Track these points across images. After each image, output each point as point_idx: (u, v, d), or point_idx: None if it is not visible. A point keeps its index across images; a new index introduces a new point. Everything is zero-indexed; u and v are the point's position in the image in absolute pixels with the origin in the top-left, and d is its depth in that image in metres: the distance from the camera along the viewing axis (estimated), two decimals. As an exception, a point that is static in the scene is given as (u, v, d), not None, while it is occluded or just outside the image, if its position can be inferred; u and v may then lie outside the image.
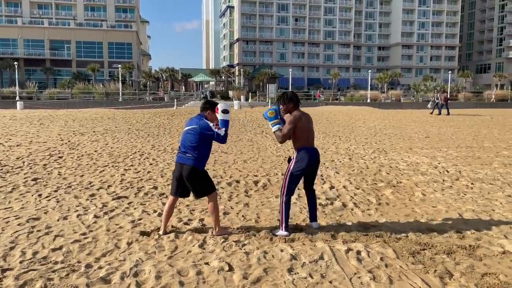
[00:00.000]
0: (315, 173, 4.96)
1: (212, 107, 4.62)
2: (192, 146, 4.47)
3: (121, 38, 69.00)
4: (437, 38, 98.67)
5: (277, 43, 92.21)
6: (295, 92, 4.95)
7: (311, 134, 4.75)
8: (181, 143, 4.64)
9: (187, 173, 4.46)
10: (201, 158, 4.52)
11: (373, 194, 6.69)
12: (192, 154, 4.46)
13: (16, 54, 62.96)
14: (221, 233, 4.64)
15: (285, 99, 4.70)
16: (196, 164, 4.46)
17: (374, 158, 10.38)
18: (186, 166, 4.46)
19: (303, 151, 4.66)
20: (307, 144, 4.69)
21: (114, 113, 26.73)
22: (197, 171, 4.48)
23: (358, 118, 24.88)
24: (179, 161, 4.55)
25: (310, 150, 4.70)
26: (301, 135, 4.64)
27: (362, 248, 4.20)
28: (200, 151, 4.49)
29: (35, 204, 5.98)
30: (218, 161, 9.81)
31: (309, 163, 4.66)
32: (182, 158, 4.52)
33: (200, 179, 4.51)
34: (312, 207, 5.00)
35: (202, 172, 4.55)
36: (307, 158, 4.64)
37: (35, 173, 8.22)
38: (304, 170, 4.67)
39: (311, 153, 4.69)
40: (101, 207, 5.86)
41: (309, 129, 4.70)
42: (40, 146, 12.08)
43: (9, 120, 20.55)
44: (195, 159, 4.46)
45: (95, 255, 4.08)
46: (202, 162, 4.54)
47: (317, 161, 4.81)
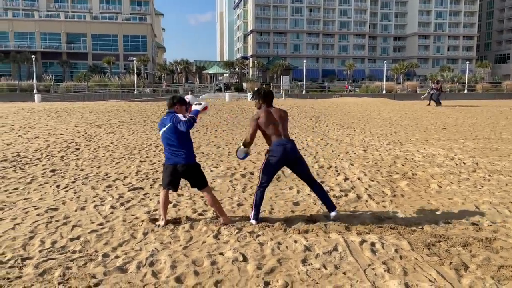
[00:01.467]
0: (302, 165, 4.87)
1: (179, 101, 4.71)
2: (178, 144, 4.56)
3: (136, 31, 69.43)
4: (455, 28, 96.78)
5: (291, 34, 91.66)
6: (268, 88, 5.09)
7: (282, 128, 4.75)
8: (164, 146, 4.69)
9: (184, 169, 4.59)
10: (191, 151, 4.67)
11: (388, 186, 6.64)
12: (182, 152, 4.57)
13: (34, 48, 63.88)
14: (227, 221, 4.72)
15: (258, 95, 4.83)
16: (188, 160, 4.60)
17: (389, 150, 10.28)
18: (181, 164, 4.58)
19: (275, 144, 4.70)
20: (279, 137, 4.71)
21: (130, 106, 26.99)
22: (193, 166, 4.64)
23: (373, 109, 24.63)
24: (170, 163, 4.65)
25: (282, 141, 4.71)
26: (267, 131, 4.69)
27: (377, 240, 4.19)
28: (188, 144, 4.64)
29: (54, 195, 6.11)
30: (232, 153, 9.84)
31: (283, 154, 4.67)
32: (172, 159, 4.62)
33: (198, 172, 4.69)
34: (324, 198, 4.91)
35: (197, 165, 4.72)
36: (280, 150, 4.67)
37: (53, 165, 8.38)
38: (278, 161, 4.72)
39: (283, 145, 4.69)
40: (117, 198, 5.95)
41: (274, 123, 4.71)
42: (57, 138, 12.29)
43: (27, 113, 20.92)
44: (186, 155, 4.59)
45: (112, 245, 4.16)
46: (192, 155, 4.68)
47: (292, 151, 4.73)
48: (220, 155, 9.61)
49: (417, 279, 3.42)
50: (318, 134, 13.51)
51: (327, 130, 14.47)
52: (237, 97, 40.06)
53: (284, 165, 4.83)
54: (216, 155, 9.55)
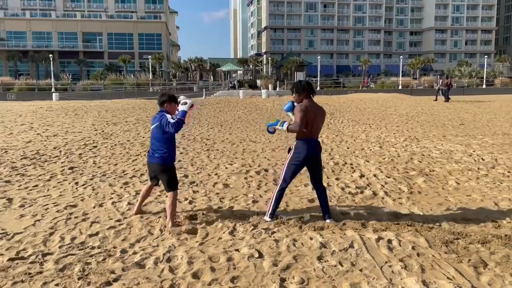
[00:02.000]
0: (319, 167, 4.80)
1: (169, 99, 4.65)
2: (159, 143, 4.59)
3: (151, 29, 69.92)
4: (473, 22, 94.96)
5: (305, 30, 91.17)
6: (309, 81, 4.90)
7: (316, 127, 4.64)
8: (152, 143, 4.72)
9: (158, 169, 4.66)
10: (171, 154, 4.68)
11: (405, 182, 6.58)
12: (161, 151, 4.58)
13: (51, 47, 64.86)
14: (175, 227, 4.53)
15: (299, 88, 4.64)
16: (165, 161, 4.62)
17: (406, 146, 10.17)
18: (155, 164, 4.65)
19: (302, 142, 4.60)
20: (309, 135, 4.60)
21: (145, 104, 27.23)
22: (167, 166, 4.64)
23: (389, 105, 24.37)
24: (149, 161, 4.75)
25: (310, 141, 4.62)
26: (306, 126, 4.54)
27: (393, 237, 4.16)
28: (169, 146, 4.63)
29: (72, 192, 6.21)
30: (247, 150, 9.86)
31: (308, 154, 4.59)
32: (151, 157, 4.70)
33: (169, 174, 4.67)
34: (323, 206, 4.78)
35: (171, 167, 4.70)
36: (306, 149, 4.58)
37: (72, 162, 8.52)
38: (302, 160, 4.62)
39: (310, 145, 4.61)
40: (134, 194, 6.02)
41: (315, 121, 4.58)
42: (75, 136, 12.49)
43: (46, 111, 21.30)
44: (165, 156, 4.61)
45: (129, 241, 4.22)
46: (171, 157, 4.69)
47: (317, 152, 4.69)
48: (234, 152, 9.64)
49: (435, 276, 3.38)
50: (333, 130, 13.44)
51: (342, 127, 14.38)
52: (251, 94, 40.08)
53: (306, 164, 4.72)
54: (230, 152, 9.58)
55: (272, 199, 4.73)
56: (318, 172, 4.79)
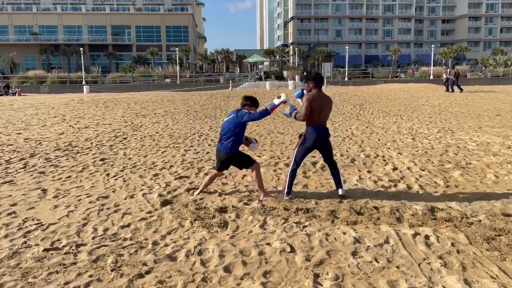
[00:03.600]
0: (328, 149, 5.35)
1: (251, 103, 5.20)
2: (232, 131, 5.07)
3: (178, 22, 70.32)
4: (509, 8, 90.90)
5: (333, 19, 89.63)
6: (319, 72, 5.41)
7: (324, 115, 5.11)
8: (222, 134, 5.25)
9: (226, 157, 5.16)
10: (237, 144, 5.16)
11: (440, 176, 6.34)
12: (231, 141, 5.08)
13: (81, 40, 66.24)
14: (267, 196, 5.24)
15: (308, 78, 5.15)
16: (232, 149, 5.12)
17: (440, 138, 9.84)
18: (226, 152, 5.14)
19: (312, 129, 5.10)
20: (317, 123, 5.08)
21: (173, 96, 27.50)
22: (234, 154, 5.15)
23: (420, 96, 23.71)
24: (220, 149, 5.23)
25: (319, 128, 5.11)
26: (313, 114, 5.01)
27: (431, 233, 3.99)
28: (238, 138, 5.12)
29: (104, 183, 6.29)
30: (275, 142, 9.77)
31: (316, 140, 5.11)
32: (222, 145, 5.18)
33: (240, 158, 5.23)
34: (335, 176, 5.37)
35: (238, 153, 5.21)
36: (315, 135, 5.09)
37: (103, 154, 8.66)
38: (311, 146, 5.17)
39: (319, 131, 5.11)
40: (164, 186, 6.04)
41: (322, 110, 5.05)
42: (106, 128, 12.70)
43: (77, 104, 21.80)
44: (233, 146, 5.11)
45: (161, 233, 4.22)
46: (237, 147, 5.17)
47: (325, 138, 5.22)
48: (262, 144, 9.56)
49: (477, 275, 3.22)
50: (362, 122, 13.16)
51: (372, 118, 14.07)
52: (277, 86, 39.84)
53: (315, 148, 5.29)
54: (259, 144, 9.50)
55: (286, 180, 5.31)
56: (328, 152, 5.37)
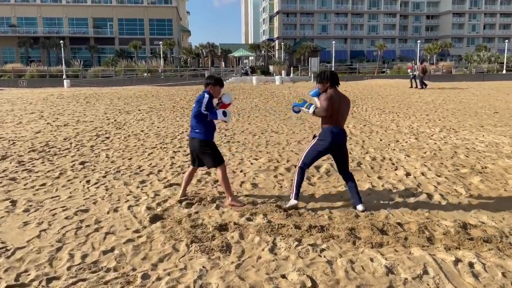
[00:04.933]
0: (344, 155, 4.81)
1: (215, 82, 4.86)
2: (196, 118, 4.75)
3: (162, 15, 68.81)
4: (491, 5, 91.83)
5: (318, 14, 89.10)
6: (334, 71, 4.84)
7: (341, 116, 4.69)
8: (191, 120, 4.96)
9: (198, 145, 4.83)
10: (208, 129, 4.83)
11: (460, 183, 5.76)
12: (198, 128, 4.78)
13: (62, 33, 64.20)
14: (235, 203, 4.86)
15: (323, 77, 4.67)
16: (203, 137, 4.79)
17: (444, 138, 9.31)
18: (195, 139, 4.84)
19: (328, 130, 4.64)
20: (334, 124, 4.64)
21: (158, 91, 26.55)
22: (206, 142, 4.82)
23: (411, 92, 23.31)
24: (191, 136, 4.92)
25: (335, 129, 4.65)
26: (332, 114, 4.58)
27: (474, 259, 3.38)
28: (205, 122, 4.77)
29: (83, 192, 5.54)
30: (270, 142, 9.11)
31: (332, 142, 4.63)
32: (193, 133, 4.88)
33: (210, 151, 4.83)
34: (353, 190, 4.78)
35: (210, 142, 4.86)
36: (330, 137, 4.62)
37: (83, 156, 7.86)
38: (325, 148, 4.68)
39: (335, 133, 4.64)
40: (153, 196, 5.32)
41: (340, 110, 4.63)
42: (87, 125, 11.85)
43: (56, 99, 20.75)
44: (202, 132, 4.79)
45: (151, 260, 3.51)
46: (209, 134, 4.84)
47: (342, 141, 4.72)
48: (257, 144, 8.89)
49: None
50: (359, 120, 12.59)
51: (368, 116, 13.51)
52: (264, 81, 39.11)
53: (330, 152, 4.78)
54: (253, 145, 8.83)
55: (294, 182, 4.79)
56: (344, 161, 4.82)
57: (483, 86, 27.86)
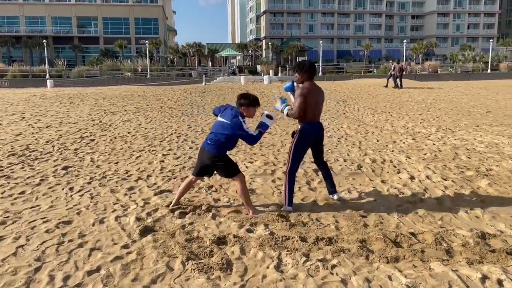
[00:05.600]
0: (321, 145, 4.89)
1: (250, 103, 4.39)
2: (222, 137, 4.33)
3: (147, 14, 67.95)
4: (475, 5, 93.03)
5: (305, 14, 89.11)
6: (312, 62, 4.80)
7: (318, 109, 4.64)
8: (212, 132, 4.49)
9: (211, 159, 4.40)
10: (226, 148, 4.46)
11: (467, 186, 5.48)
12: (219, 144, 4.35)
13: (45, 32, 62.93)
14: (256, 213, 4.45)
15: (302, 68, 4.54)
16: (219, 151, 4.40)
17: (442, 138, 9.07)
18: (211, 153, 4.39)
19: (307, 125, 4.57)
20: (313, 118, 4.59)
21: (144, 90, 25.95)
22: (219, 157, 4.42)
23: (401, 91, 23.20)
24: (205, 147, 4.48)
25: (314, 124, 4.62)
26: (308, 109, 4.50)
27: (502, 275, 3.07)
28: (228, 144, 4.42)
29: (66, 201, 5.10)
30: (264, 144, 8.75)
31: (314, 138, 4.65)
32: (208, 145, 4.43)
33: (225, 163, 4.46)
34: (329, 179, 4.93)
35: (224, 156, 4.47)
36: (311, 131, 4.60)
37: (66, 160, 7.39)
38: (308, 145, 4.67)
39: (315, 127, 4.63)
40: (142, 205, 4.91)
41: (316, 103, 4.58)
42: (70, 127, 11.33)
43: (39, 99, 20.05)
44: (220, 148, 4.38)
45: (142, 282, 3.11)
46: (225, 150, 4.47)
47: (321, 135, 4.76)
48: (250, 146, 8.51)
49: None
50: (352, 120, 12.31)
51: (361, 116, 13.24)
52: (252, 80, 38.74)
53: (312, 145, 4.77)
54: (246, 146, 8.45)
55: (285, 187, 4.61)
56: (320, 150, 4.89)
57: (471, 85, 27.95)
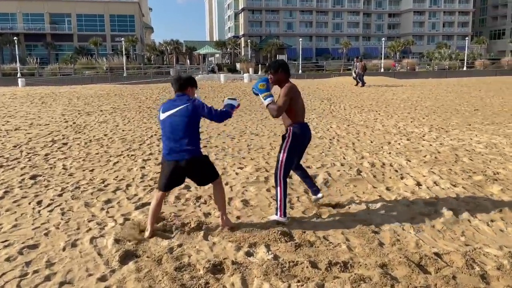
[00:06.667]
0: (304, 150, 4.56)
1: (193, 83, 3.93)
2: (187, 131, 3.70)
3: (123, 10, 66.32)
4: (450, 4, 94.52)
5: (284, 12, 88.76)
6: (285, 61, 4.38)
7: (303, 110, 4.33)
8: (167, 135, 3.75)
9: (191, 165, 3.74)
10: (198, 144, 3.85)
11: (480, 193, 5.04)
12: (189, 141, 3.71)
13: (16, 29, 60.61)
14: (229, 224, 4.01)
15: (276, 67, 4.18)
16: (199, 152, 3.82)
17: (437, 139, 8.70)
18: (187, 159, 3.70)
19: (300, 127, 4.22)
20: (302, 119, 4.28)
21: (121, 89, 25.01)
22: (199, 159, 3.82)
23: (384, 89, 22.99)
24: (175, 159, 3.72)
25: (305, 125, 4.31)
26: (297, 109, 4.20)
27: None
28: (197, 135, 3.85)
29: (33, 218, 4.43)
30: (253, 147, 8.19)
31: (306, 140, 4.34)
32: (177, 153, 3.71)
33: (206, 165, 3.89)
34: (308, 179, 4.63)
35: (204, 157, 3.92)
36: (304, 135, 4.27)
37: (35, 167, 6.66)
38: (300, 149, 4.35)
39: (307, 128, 4.33)
40: (121, 222, 4.28)
41: (302, 104, 4.29)
42: (41, 129, 10.51)
43: (8, 99, 18.94)
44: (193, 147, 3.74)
45: (125, 329, 2.52)
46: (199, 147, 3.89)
47: (310, 137, 4.46)
48: (238, 149, 7.94)
49: None
50: (340, 119, 11.87)
51: (348, 115, 12.82)
52: (232, 78, 38.08)
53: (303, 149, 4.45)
54: (234, 150, 7.88)
55: (279, 195, 4.15)
56: (302, 155, 4.61)
57: (452, 83, 28.05)
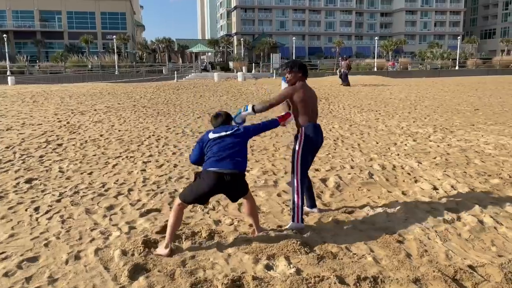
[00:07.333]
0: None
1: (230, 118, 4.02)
2: (243, 149, 3.74)
3: (114, 8, 65.52)
4: (442, 3, 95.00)
5: (276, 10, 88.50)
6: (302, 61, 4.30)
7: (316, 110, 4.22)
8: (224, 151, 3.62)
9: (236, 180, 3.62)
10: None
11: (500, 198, 4.84)
12: (243, 157, 3.72)
13: (5, 27, 59.57)
14: (261, 230, 3.89)
15: (295, 65, 4.14)
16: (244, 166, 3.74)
17: (444, 139, 8.52)
18: (238, 172, 3.62)
19: (312, 127, 4.09)
20: (313, 119, 4.15)
21: (113, 88, 24.56)
22: (243, 173, 3.74)
23: (380, 89, 22.86)
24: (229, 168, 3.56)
25: (318, 126, 4.17)
26: (307, 110, 4.09)
27: None
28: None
29: (31, 227, 4.13)
30: (255, 148, 7.93)
31: (319, 141, 4.18)
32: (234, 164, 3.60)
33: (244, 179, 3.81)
34: (311, 192, 4.42)
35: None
36: (318, 133, 4.13)
37: (30, 170, 6.34)
38: (314, 146, 4.14)
39: (319, 129, 4.18)
40: (127, 231, 4.00)
41: (313, 104, 4.18)
42: (34, 129, 10.14)
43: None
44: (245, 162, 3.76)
45: None
46: None
47: (323, 139, 4.31)
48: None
49: None
50: (341, 119, 11.66)
51: (349, 114, 12.62)
52: (226, 77, 37.75)
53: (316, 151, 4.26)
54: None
55: (296, 200, 3.97)
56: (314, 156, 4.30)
57: (448, 82, 28.00)
